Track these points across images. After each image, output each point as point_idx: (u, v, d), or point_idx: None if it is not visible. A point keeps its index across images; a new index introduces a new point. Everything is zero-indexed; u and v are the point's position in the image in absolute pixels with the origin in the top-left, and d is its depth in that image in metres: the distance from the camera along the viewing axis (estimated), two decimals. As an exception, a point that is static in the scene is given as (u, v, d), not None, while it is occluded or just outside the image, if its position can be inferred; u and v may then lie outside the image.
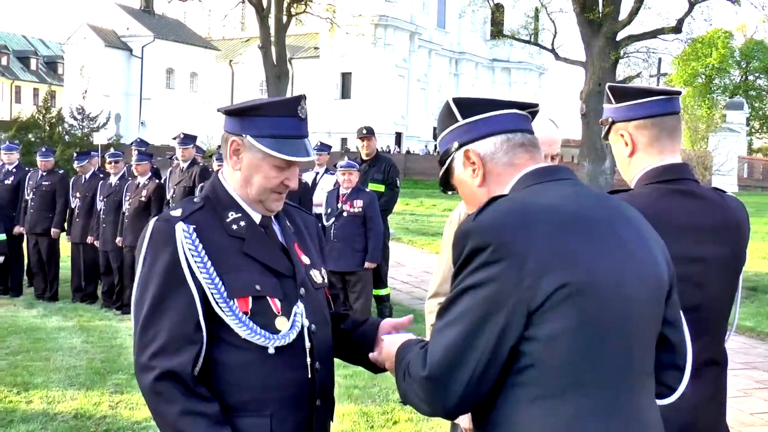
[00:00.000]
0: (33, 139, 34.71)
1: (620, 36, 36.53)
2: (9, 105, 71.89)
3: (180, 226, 2.39)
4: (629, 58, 42.45)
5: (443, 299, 3.21)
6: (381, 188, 10.07)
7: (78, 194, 11.67)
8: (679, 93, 2.80)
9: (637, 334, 1.95)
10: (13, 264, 12.06)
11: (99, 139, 36.73)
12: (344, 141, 58.16)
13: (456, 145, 2.17)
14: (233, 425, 2.36)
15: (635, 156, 2.79)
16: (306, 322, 2.47)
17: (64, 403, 6.66)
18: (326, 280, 2.69)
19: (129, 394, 6.79)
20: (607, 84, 2.95)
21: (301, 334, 2.46)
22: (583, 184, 2.11)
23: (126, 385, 7.07)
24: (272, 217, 2.58)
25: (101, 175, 11.68)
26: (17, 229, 11.92)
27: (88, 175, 11.76)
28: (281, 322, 2.42)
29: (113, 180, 11.21)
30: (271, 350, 2.39)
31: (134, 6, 64.10)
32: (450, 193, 2.29)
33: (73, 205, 11.72)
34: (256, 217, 2.53)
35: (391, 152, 51.78)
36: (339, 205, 9.14)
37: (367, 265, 9.10)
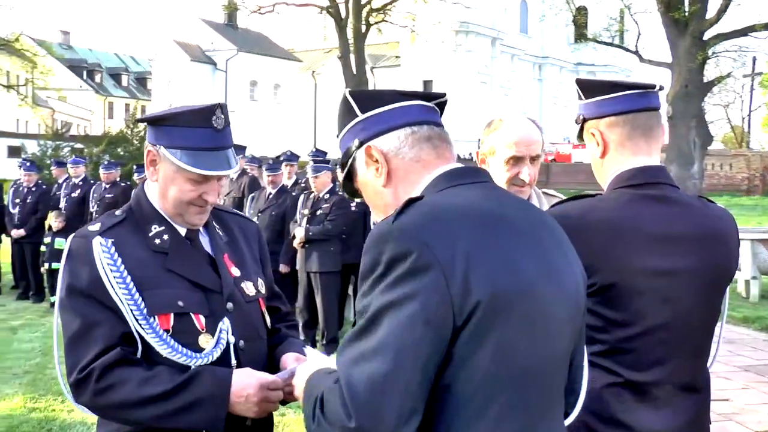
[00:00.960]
0: (122, 153, 35.53)
1: (708, 35, 35.61)
2: (102, 120, 74.07)
3: (97, 241, 2.29)
4: (718, 57, 41.32)
5: None
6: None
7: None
8: (653, 87, 2.52)
9: (555, 355, 1.79)
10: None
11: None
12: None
13: (356, 143, 1.95)
14: None
15: (607, 157, 2.54)
16: (232, 339, 2.34)
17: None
18: (263, 291, 2.54)
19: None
20: (576, 78, 2.71)
21: (226, 351, 2.33)
22: (499, 187, 1.94)
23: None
24: (200, 228, 2.46)
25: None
26: (84, 241, 12.13)
27: (148, 187, 11.90)
28: (205, 340, 2.30)
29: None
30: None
31: (218, 21, 65.28)
32: (357, 201, 2.08)
33: (136, 216, 11.86)
34: (182, 230, 2.41)
35: (473, 159, 51.46)
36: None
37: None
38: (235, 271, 2.46)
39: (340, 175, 2.05)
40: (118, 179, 12.27)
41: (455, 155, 1.96)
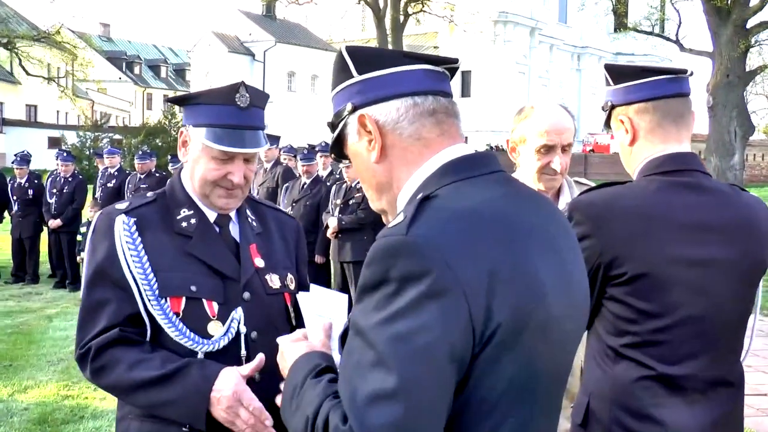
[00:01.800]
0: (160, 144, 35.84)
1: (750, 23, 35.08)
2: (141, 112, 74.77)
3: (120, 219, 2.30)
4: (761, 46, 40.70)
5: None
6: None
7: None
8: (685, 72, 2.44)
9: (562, 368, 1.65)
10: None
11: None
12: (465, 139, 57.87)
13: (350, 107, 1.69)
14: (163, 429, 2.25)
15: (636, 144, 2.45)
16: (244, 329, 2.31)
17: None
18: (291, 286, 2.48)
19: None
20: (604, 63, 2.62)
21: (236, 340, 2.30)
22: (514, 180, 1.70)
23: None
24: (232, 217, 2.45)
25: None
26: (120, 230, 12.25)
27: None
28: (214, 327, 2.28)
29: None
30: (200, 356, 2.26)
31: (256, 12, 65.53)
32: (345, 163, 1.89)
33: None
34: (211, 216, 2.40)
35: (504, 149, 51.22)
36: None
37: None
38: (260, 262, 2.42)
39: (331, 137, 1.80)
40: (153, 170, 12.32)
41: (462, 133, 1.72)
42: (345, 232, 8.98)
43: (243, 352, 2.31)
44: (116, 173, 12.64)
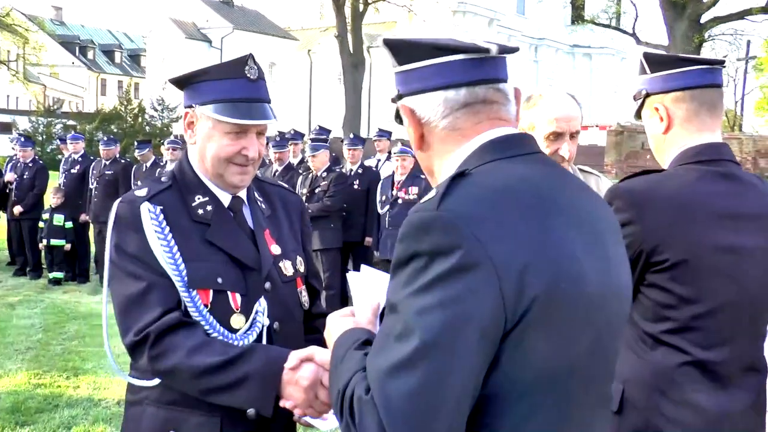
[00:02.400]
0: (116, 131, 35.40)
1: (705, 18, 35.58)
2: (95, 97, 73.69)
3: (145, 207, 2.24)
4: (714, 41, 41.28)
5: None
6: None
7: (140, 182, 11.70)
8: (721, 63, 2.50)
9: (604, 355, 1.63)
10: (80, 251, 12.35)
11: (178, 129, 37.35)
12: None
13: (396, 94, 1.75)
14: (182, 418, 2.23)
15: (671, 132, 2.47)
16: (267, 321, 2.28)
17: (109, 389, 6.66)
18: (301, 270, 2.47)
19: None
20: (643, 52, 2.60)
21: (260, 335, 2.27)
22: (551, 161, 1.73)
23: (173, 372, 7.05)
24: (244, 200, 2.40)
25: (161, 164, 11.73)
26: (83, 217, 12.14)
27: (149, 164, 11.85)
28: (237, 320, 2.24)
29: (169, 168, 11.22)
30: None
31: (214, -2, 64.95)
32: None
33: (135, 193, 11.78)
34: (225, 200, 2.37)
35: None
36: (394, 192, 8.96)
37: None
38: (276, 249, 2.40)
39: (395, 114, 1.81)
40: (117, 156, 12.17)
41: (508, 114, 1.71)
42: (312, 220, 8.96)
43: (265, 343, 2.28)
44: (80, 159, 12.45)
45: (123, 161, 12.24)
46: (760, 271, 2.33)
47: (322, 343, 2.04)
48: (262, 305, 2.28)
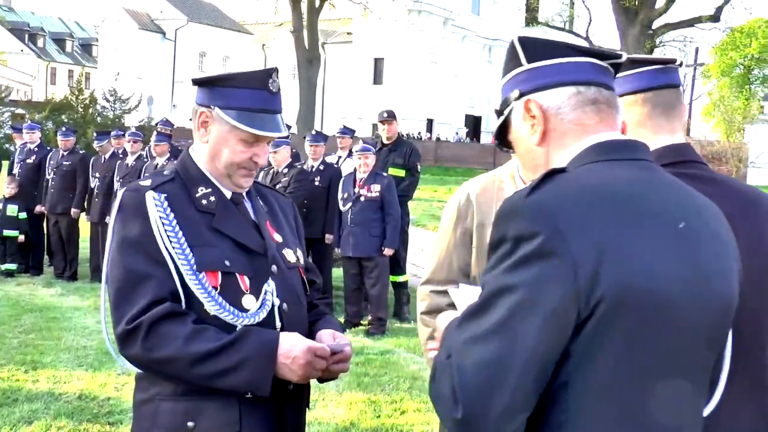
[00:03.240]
0: (66, 121, 34.87)
1: (656, 24, 36.14)
2: (45, 86, 72.47)
3: (150, 195, 2.32)
4: (665, 47, 41.97)
5: (437, 287, 3.05)
6: (401, 173, 9.90)
7: (98, 174, 11.62)
8: (674, 62, 2.39)
9: (685, 364, 1.62)
10: (34, 243, 12.15)
11: (130, 121, 36.97)
12: (375, 127, 57.99)
13: (516, 93, 1.80)
14: (200, 407, 2.27)
15: (632, 134, 2.21)
16: (277, 301, 2.37)
17: (70, 383, 6.59)
18: (301, 261, 2.59)
19: (136, 376, 6.70)
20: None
21: (271, 313, 2.35)
22: (656, 167, 1.75)
23: (134, 366, 6.99)
24: (244, 194, 2.50)
25: (121, 156, 11.62)
26: (38, 208, 11.96)
27: (107, 155, 11.72)
28: (248, 301, 2.32)
29: (130, 160, 11.15)
30: (240, 329, 2.28)
31: (168, -11, 64.25)
32: (507, 151, 1.92)
33: (92, 185, 11.67)
34: (227, 193, 2.45)
35: (422, 139, 51.57)
36: (356, 190, 8.99)
37: (385, 251, 8.94)
38: (278, 237, 2.50)
39: (496, 124, 1.89)
40: (74, 146, 12.01)
41: (620, 123, 1.79)
42: (275, 216, 8.96)
43: (278, 323, 2.36)
44: (36, 149, 12.25)
45: (81, 152, 12.07)
46: (752, 275, 2.07)
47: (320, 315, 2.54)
48: (271, 286, 2.37)
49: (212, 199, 2.40)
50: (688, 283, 1.58)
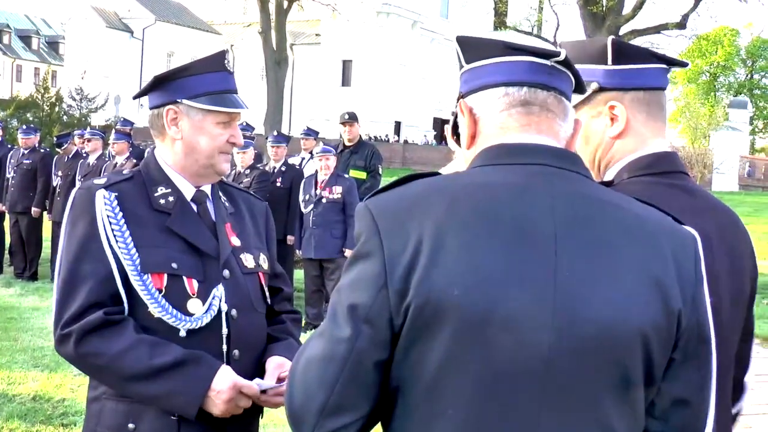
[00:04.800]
0: (32, 119, 34.50)
1: (623, 30, 36.46)
2: (10, 84, 71.68)
3: (101, 193, 2.30)
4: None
5: None
6: (363, 175, 9.93)
7: (60, 173, 11.53)
8: (686, 65, 2.27)
9: (537, 389, 1.46)
10: (-6, 242, 11.98)
11: (97, 119, 36.67)
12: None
13: (459, 94, 1.70)
14: (140, 410, 2.26)
15: (625, 138, 2.08)
16: (225, 307, 2.34)
17: (24, 384, 6.52)
18: (264, 267, 2.54)
19: (92, 377, 6.65)
20: (610, 37, 2.18)
21: (217, 318, 2.33)
22: (559, 174, 1.58)
23: (90, 367, 6.94)
24: (208, 194, 2.47)
25: (84, 155, 11.53)
26: (-2, 207, 11.83)
27: (71, 154, 11.63)
28: (194, 305, 2.30)
29: (91, 159, 11.06)
30: (183, 333, 2.28)
31: (137, -12, 63.80)
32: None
33: (55, 184, 11.57)
34: (188, 194, 2.43)
35: (390, 141, 51.64)
36: (317, 192, 9.00)
37: (346, 253, 8.95)
38: (236, 241, 2.46)
39: (449, 126, 1.80)
40: (36, 145, 11.91)
41: (563, 126, 1.64)
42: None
43: (224, 329, 2.33)
44: (-3, 148, 12.17)
45: (42, 151, 11.98)
46: (732, 298, 1.99)
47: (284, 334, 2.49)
48: (219, 291, 2.34)
49: (170, 199, 2.38)
50: (530, 300, 1.46)
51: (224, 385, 2.21)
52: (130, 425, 2.27)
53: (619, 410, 1.51)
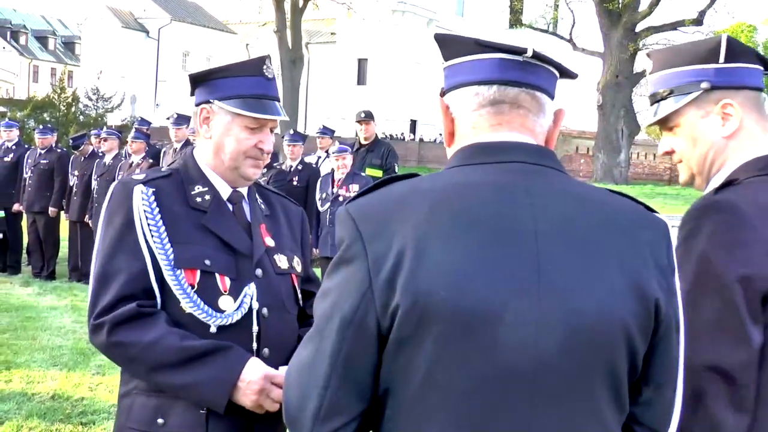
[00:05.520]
0: (48, 119, 34.68)
1: (639, 27, 36.31)
2: (26, 84, 72.06)
3: (138, 188, 2.33)
4: (648, 49, 42.12)
5: None
6: (379, 173, 9.89)
7: (77, 173, 11.57)
8: None
9: (528, 385, 1.48)
10: (12, 241, 12.07)
11: (113, 119, 36.83)
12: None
13: (440, 91, 1.74)
14: (170, 405, 2.27)
15: (738, 137, 2.03)
16: (256, 305, 2.35)
17: (43, 383, 6.55)
18: (297, 269, 2.55)
19: (110, 376, 6.66)
20: (724, 34, 2.12)
21: (248, 316, 2.34)
22: (536, 171, 1.60)
23: (108, 366, 6.91)
24: (244, 195, 2.49)
25: (100, 154, 11.56)
26: (16, 207, 11.89)
27: (87, 155, 11.67)
28: (225, 302, 2.31)
29: (107, 159, 11.10)
30: (213, 329, 2.29)
31: (152, -12, 63.99)
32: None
33: (71, 184, 11.62)
34: (225, 193, 2.45)
35: (406, 139, 51.59)
36: (334, 190, 8.99)
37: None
38: (270, 242, 2.47)
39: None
40: (53, 145, 11.96)
41: (538, 120, 1.65)
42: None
43: (255, 327, 2.34)
44: (14, 147, 12.16)
45: (59, 151, 12.03)
46: None
47: None
48: (251, 289, 2.35)
49: (207, 197, 2.40)
50: (514, 298, 1.47)
51: (255, 375, 2.22)
52: (159, 420, 2.28)
53: (609, 402, 1.54)
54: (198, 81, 2.45)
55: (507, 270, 1.48)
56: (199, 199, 2.39)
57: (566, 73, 1.70)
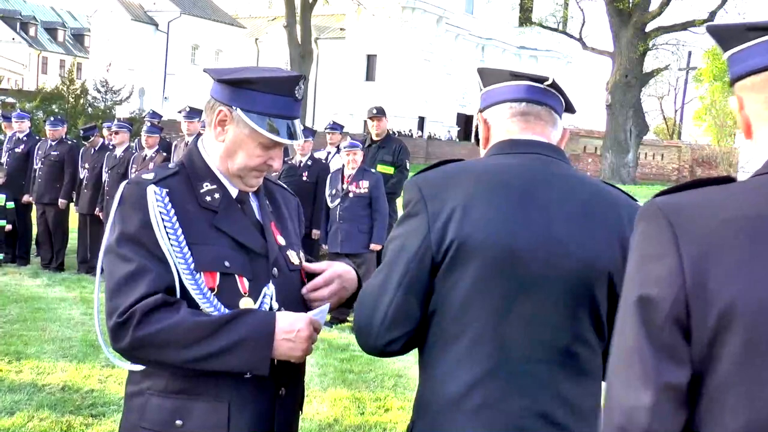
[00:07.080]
0: (57, 111, 34.69)
1: (650, 27, 36.20)
2: (36, 76, 72.16)
3: (152, 189, 2.26)
4: (658, 49, 42.01)
5: None
6: (390, 170, 9.92)
7: (87, 165, 11.59)
8: None
9: (530, 307, 2.05)
10: (21, 233, 12.10)
11: (122, 112, 36.83)
12: (367, 123, 57.82)
13: (478, 109, 2.39)
14: (189, 407, 2.23)
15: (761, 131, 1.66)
16: (275, 305, 2.32)
17: (53, 374, 6.57)
18: (303, 263, 2.54)
19: (120, 369, 6.59)
20: (745, 23, 1.75)
21: None
22: (553, 162, 2.20)
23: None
24: (250, 193, 2.45)
25: (110, 147, 11.58)
26: (26, 198, 11.93)
27: (97, 147, 11.69)
28: (246, 304, 2.27)
29: (118, 152, 11.12)
30: None
31: (162, -20, 64.01)
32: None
33: (81, 176, 11.63)
34: (233, 191, 2.40)
35: (414, 136, 51.56)
36: (344, 186, 8.99)
37: (372, 246, 8.93)
38: (281, 240, 2.45)
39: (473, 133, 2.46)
40: (64, 136, 11.97)
41: (552, 131, 2.27)
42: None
43: None
44: (25, 138, 12.18)
45: (70, 142, 12.02)
46: None
47: None
48: (270, 289, 2.32)
49: (216, 196, 2.34)
50: (532, 241, 2.06)
51: (302, 323, 2.23)
52: (178, 422, 2.22)
53: (589, 325, 2.09)
54: (228, 84, 2.34)
55: (527, 223, 2.07)
56: (208, 198, 2.33)
57: (569, 108, 2.36)
